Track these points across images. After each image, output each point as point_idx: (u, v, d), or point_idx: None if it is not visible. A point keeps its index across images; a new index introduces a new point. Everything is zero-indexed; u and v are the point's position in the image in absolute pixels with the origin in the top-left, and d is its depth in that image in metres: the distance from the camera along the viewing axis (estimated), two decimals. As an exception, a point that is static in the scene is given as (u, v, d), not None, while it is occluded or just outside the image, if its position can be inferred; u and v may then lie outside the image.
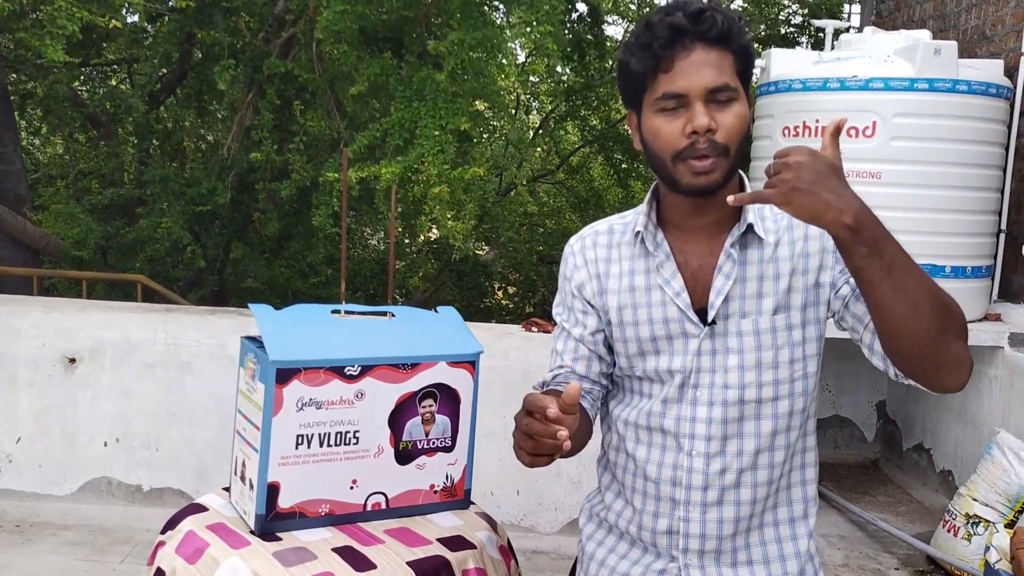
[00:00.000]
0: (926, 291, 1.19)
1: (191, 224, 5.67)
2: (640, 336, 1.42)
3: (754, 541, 1.43)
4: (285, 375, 1.52)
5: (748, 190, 1.41)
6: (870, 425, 4.82)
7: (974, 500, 3.37)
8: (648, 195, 1.46)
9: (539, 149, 9.10)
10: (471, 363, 1.69)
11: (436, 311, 1.77)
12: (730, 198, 1.21)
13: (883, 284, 1.17)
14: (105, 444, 3.63)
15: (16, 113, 7.53)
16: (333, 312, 1.66)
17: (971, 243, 3.82)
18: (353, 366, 1.57)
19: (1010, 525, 3.21)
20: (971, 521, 3.34)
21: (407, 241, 8.60)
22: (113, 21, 4.01)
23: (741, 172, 1.42)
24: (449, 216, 6.25)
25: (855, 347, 1.43)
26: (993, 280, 4.10)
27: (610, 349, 1.49)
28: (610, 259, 1.47)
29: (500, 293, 8.72)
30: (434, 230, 8.04)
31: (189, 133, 7.46)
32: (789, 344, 1.39)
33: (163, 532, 1.63)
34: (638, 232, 1.43)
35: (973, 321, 3.89)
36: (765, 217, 1.41)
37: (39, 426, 3.61)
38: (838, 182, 1.16)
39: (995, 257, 4.09)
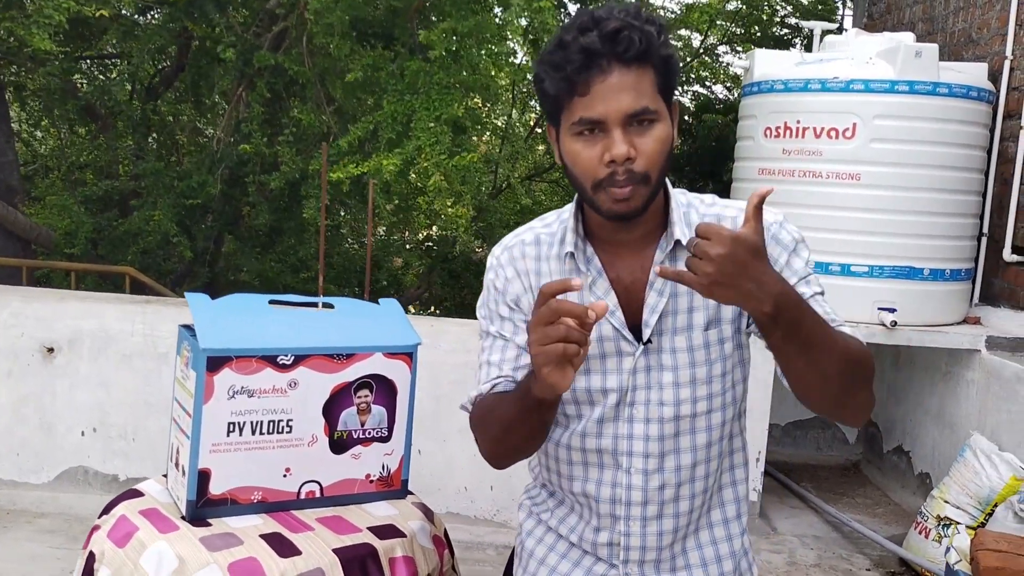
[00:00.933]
0: (838, 359, 1.20)
1: (182, 217, 5.70)
2: None
3: (691, 546, 1.45)
4: (216, 363, 1.53)
5: (673, 203, 1.38)
6: (851, 427, 4.81)
7: (946, 502, 3.36)
8: (572, 208, 1.41)
9: (539, 148, 9.12)
10: (408, 355, 1.71)
11: (378, 303, 1.79)
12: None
13: (797, 360, 1.19)
14: (82, 434, 3.65)
15: (16, 105, 7.59)
16: (271, 303, 1.67)
17: (950, 246, 3.81)
18: (286, 355, 1.59)
19: (980, 527, 3.21)
20: (942, 523, 3.34)
21: (406, 235, 8.62)
22: (100, 12, 4.02)
23: (668, 184, 1.39)
24: (449, 204, 6.23)
25: None
26: (974, 284, 4.09)
27: None
28: (540, 272, 1.42)
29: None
30: (427, 229, 8.08)
31: (185, 127, 7.50)
32: (722, 358, 1.38)
33: (100, 516, 1.65)
34: (569, 252, 1.38)
35: (951, 324, 3.89)
36: (690, 224, 1.38)
37: (17, 415, 3.64)
38: (759, 267, 1.12)
39: (976, 260, 4.08)
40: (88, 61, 6.60)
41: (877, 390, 4.64)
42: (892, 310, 3.70)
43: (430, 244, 7.81)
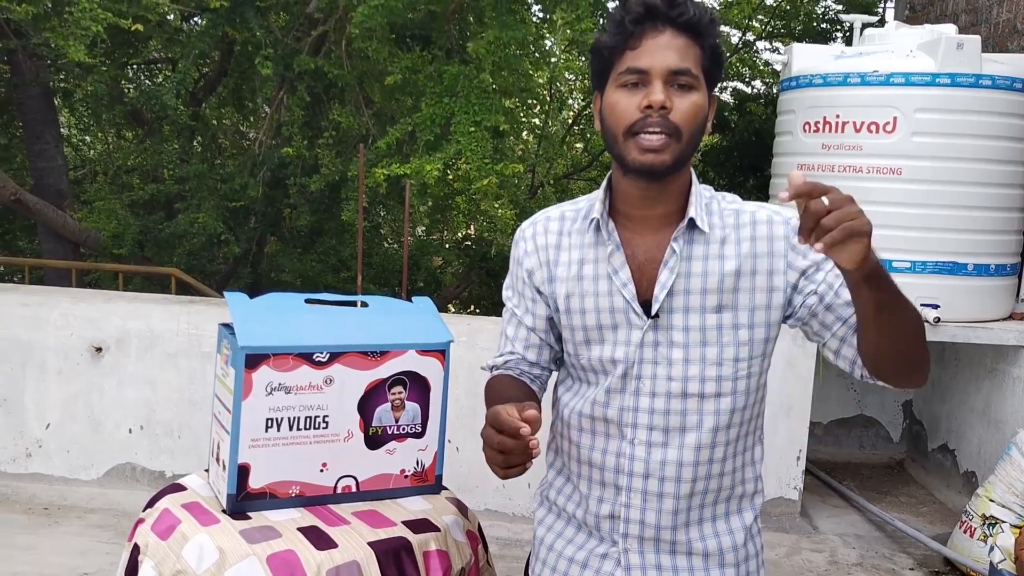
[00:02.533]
0: (915, 314, 1.28)
1: (226, 219, 5.81)
2: (586, 324, 1.45)
3: (695, 536, 1.46)
4: (254, 360, 1.57)
5: (694, 188, 1.42)
6: (896, 425, 4.75)
7: (991, 501, 3.31)
8: (604, 183, 1.47)
9: (577, 146, 9.11)
10: (441, 352, 1.73)
11: (412, 301, 1.81)
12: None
13: (895, 313, 1.26)
14: (130, 431, 3.75)
15: (64, 110, 7.78)
16: (308, 301, 1.71)
17: (995, 240, 3.75)
18: (322, 352, 1.62)
19: (1026, 527, 3.15)
20: (987, 522, 3.29)
21: (444, 235, 8.67)
22: (136, 26, 4.10)
23: (692, 173, 1.44)
24: (497, 205, 6.28)
25: None
26: (1020, 279, 4.01)
27: (559, 337, 1.51)
28: (560, 246, 1.49)
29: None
30: (466, 228, 8.10)
31: (227, 130, 7.63)
32: (735, 343, 1.40)
33: (144, 510, 1.70)
34: (594, 219, 1.44)
35: (997, 320, 3.82)
36: (712, 212, 1.43)
37: (67, 413, 3.74)
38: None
39: (1022, 255, 4.00)
40: (134, 67, 6.74)
41: (921, 387, 4.57)
42: (935, 306, 3.64)
43: (468, 243, 7.85)
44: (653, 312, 1.40)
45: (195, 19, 5.88)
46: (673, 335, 1.40)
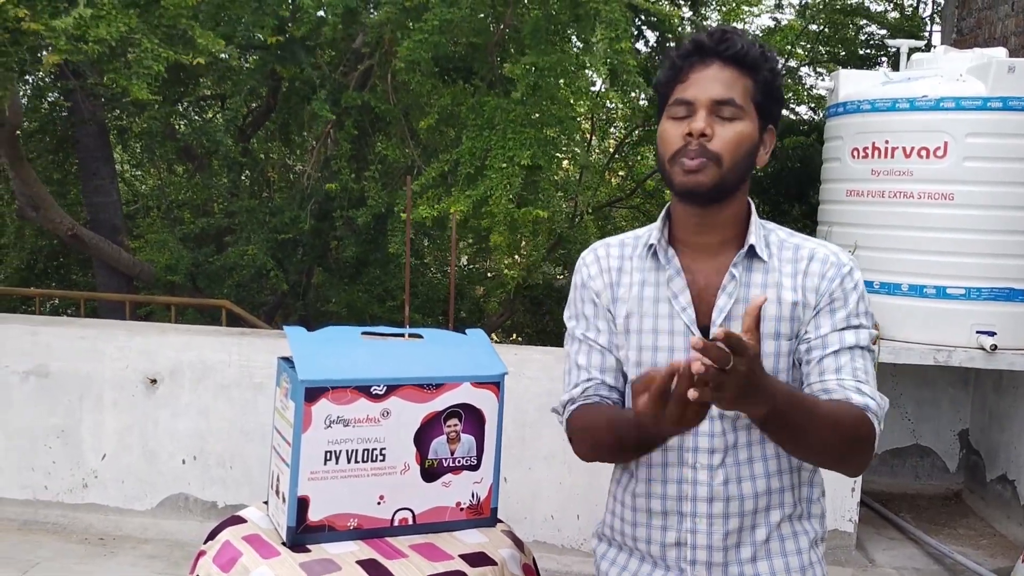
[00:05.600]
0: (827, 435, 1.29)
1: (274, 251, 5.90)
2: (643, 344, 1.47)
3: (760, 555, 1.46)
4: (313, 393, 1.59)
5: (753, 217, 1.48)
6: (952, 455, 4.64)
7: (1055, 534, 3.22)
8: (663, 213, 1.53)
9: (620, 174, 9.11)
10: (496, 384, 1.74)
11: (465, 333, 1.83)
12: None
13: (786, 444, 1.32)
14: (183, 462, 3.80)
15: (119, 147, 7.99)
16: (364, 334, 1.73)
17: (1052, 266, 3.67)
18: (379, 385, 1.64)
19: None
20: (1052, 557, 3.19)
21: (487, 264, 8.70)
22: (198, 60, 4.22)
23: (751, 202, 1.49)
24: (506, 263, 6.39)
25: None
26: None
27: None
28: (622, 269, 1.53)
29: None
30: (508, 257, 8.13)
31: (276, 164, 7.76)
32: (786, 368, 1.44)
33: (205, 542, 1.72)
34: (651, 245, 1.49)
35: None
36: (770, 243, 1.47)
37: (122, 443, 3.81)
38: (763, 378, 1.16)
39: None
40: (185, 103, 6.91)
41: (978, 416, 4.48)
42: (992, 333, 3.57)
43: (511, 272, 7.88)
44: (711, 337, 1.41)
45: (245, 56, 6.02)
46: None
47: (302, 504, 1.62)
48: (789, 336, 1.43)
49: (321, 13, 5.16)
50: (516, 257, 6.04)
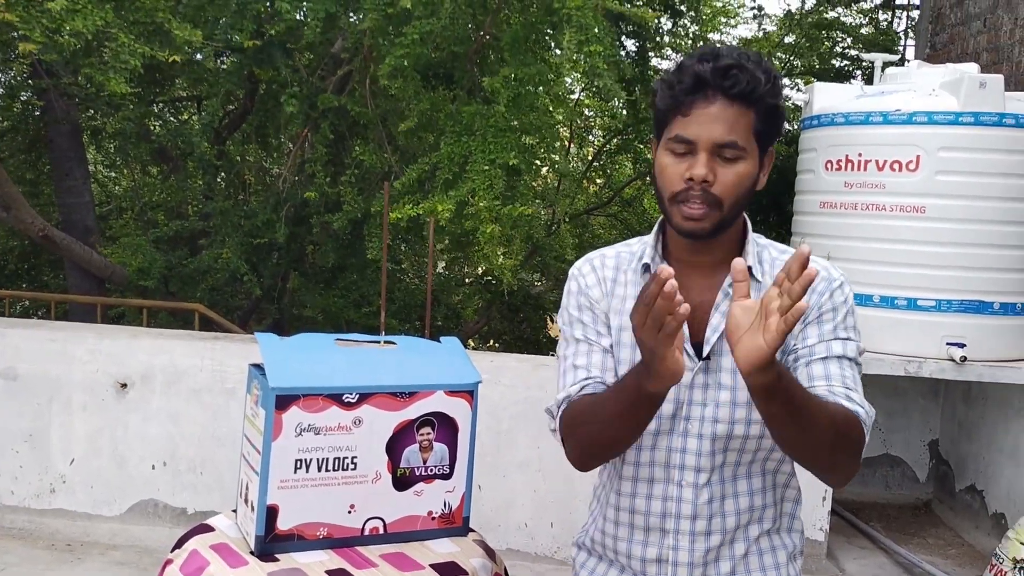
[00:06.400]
0: (829, 431, 1.28)
1: (249, 255, 5.86)
2: (634, 359, 1.45)
3: (740, 569, 1.48)
4: (284, 401, 1.58)
5: (750, 237, 1.48)
6: (922, 465, 4.68)
7: (1022, 544, 3.25)
8: (655, 228, 1.52)
9: (597, 182, 9.15)
10: (469, 392, 1.73)
11: (440, 341, 1.82)
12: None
13: (788, 425, 1.27)
14: (153, 467, 3.76)
15: (92, 147, 7.91)
16: (337, 341, 1.72)
17: (1021, 279, 3.72)
18: (351, 393, 1.63)
19: (1059, 572, 3.09)
20: (1018, 565, 3.22)
21: (465, 271, 8.70)
22: (173, 57, 4.20)
23: (747, 221, 1.49)
24: (500, 253, 6.36)
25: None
26: (1048, 317, 3.97)
27: None
28: (616, 280, 1.53)
29: (553, 326, 8.77)
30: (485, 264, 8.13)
31: (251, 167, 7.73)
32: None
33: (172, 550, 1.70)
34: (646, 264, 1.49)
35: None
36: (763, 261, 1.48)
37: (92, 448, 3.76)
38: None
39: (1049, 294, 3.96)
40: (160, 104, 6.86)
41: (948, 427, 4.53)
42: (961, 345, 3.61)
43: (489, 279, 7.89)
44: (704, 355, 1.43)
45: (222, 58, 5.98)
46: (721, 377, 1.43)
47: (271, 513, 1.60)
48: (782, 351, 1.42)
49: (299, 16, 5.15)
50: (501, 253, 6.03)
